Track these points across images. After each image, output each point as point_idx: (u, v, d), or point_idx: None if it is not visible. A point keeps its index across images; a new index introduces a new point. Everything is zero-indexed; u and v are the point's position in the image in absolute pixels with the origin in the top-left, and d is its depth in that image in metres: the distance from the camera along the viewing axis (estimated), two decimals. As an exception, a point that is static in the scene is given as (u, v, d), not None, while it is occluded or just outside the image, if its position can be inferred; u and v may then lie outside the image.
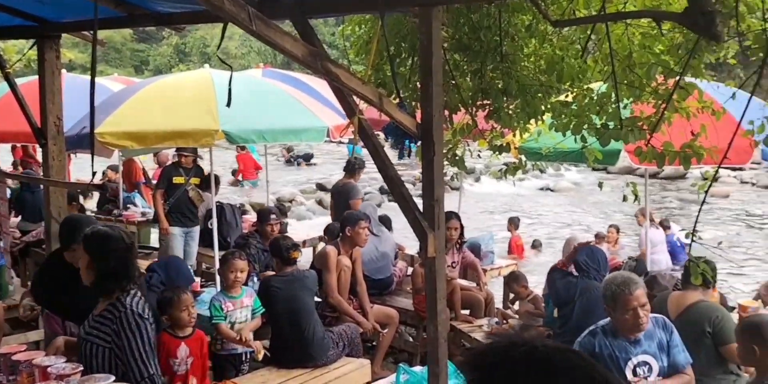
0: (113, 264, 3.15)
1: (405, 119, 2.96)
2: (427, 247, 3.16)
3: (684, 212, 16.87)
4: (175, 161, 8.40)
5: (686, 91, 3.52)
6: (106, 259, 3.15)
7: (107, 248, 3.17)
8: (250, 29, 1.82)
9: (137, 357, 3.07)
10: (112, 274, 3.15)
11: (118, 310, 3.11)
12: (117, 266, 3.15)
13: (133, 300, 3.15)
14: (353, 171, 8.78)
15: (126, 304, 3.12)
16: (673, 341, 3.88)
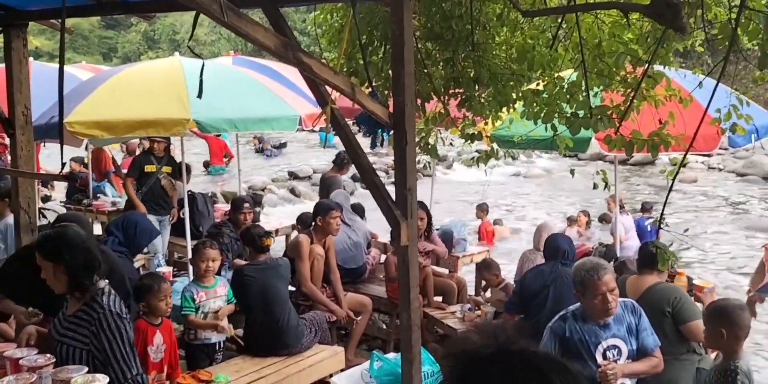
0: (81, 257, 3.06)
1: (377, 109, 2.97)
2: (400, 236, 3.18)
3: (653, 198, 17.13)
4: (146, 149, 8.32)
5: (654, 79, 3.57)
6: (73, 256, 3.05)
7: (68, 245, 3.07)
8: (221, 21, 1.81)
9: (119, 358, 3.00)
10: (84, 267, 3.06)
11: (95, 311, 3.04)
12: (86, 258, 3.08)
13: (110, 299, 3.08)
14: (341, 165, 8.76)
15: (104, 305, 3.04)
16: (642, 325, 3.95)
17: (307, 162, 20.35)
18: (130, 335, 3.07)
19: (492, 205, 15.82)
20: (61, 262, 3.05)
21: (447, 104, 4.56)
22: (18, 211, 4.71)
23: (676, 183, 12.04)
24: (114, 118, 6.10)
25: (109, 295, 3.11)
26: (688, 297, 4.97)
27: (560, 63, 4.32)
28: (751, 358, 6.95)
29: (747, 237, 12.84)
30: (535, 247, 7.08)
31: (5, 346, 3.37)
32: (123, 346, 3.01)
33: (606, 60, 3.65)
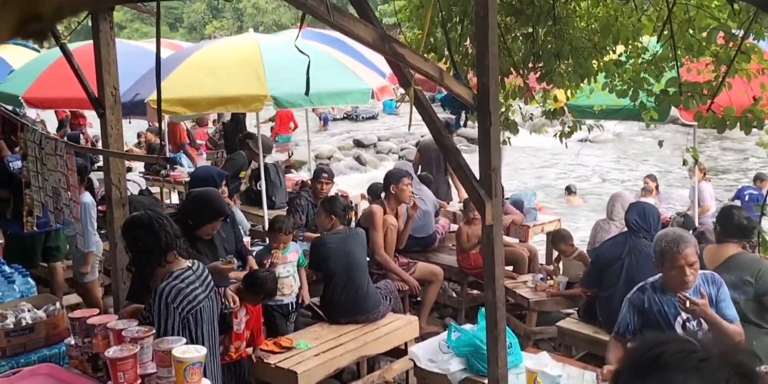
0: (141, 244, 3.34)
1: (462, 91, 2.98)
2: (485, 215, 3.21)
3: (728, 162, 16.66)
4: None
5: (747, 55, 3.46)
6: (135, 244, 3.37)
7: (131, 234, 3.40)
8: (328, 21, 1.86)
9: None
10: (143, 252, 3.34)
11: (153, 292, 3.28)
12: (146, 244, 3.32)
13: (168, 285, 3.25)
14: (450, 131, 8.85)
15: (158, 289, 3.25)
16: (721, 296, 3.91)
17: (372, 130, 20.46)
18: (175, 322, 3.24)
19: (561, 171, 15.68)
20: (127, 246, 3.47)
21: (527, 78, 4.53)
22: (110, 187, 4.90)
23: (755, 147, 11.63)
24: (195, 95, 6.27)
25: (171, 281, 3.27)
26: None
27: (644, 34, 4.22)
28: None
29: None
30: (609, 216, 6.98)
31: (107, 317, 3.53)
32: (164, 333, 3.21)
33: (696, 35, 3.55)
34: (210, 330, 3.47)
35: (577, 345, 5.55)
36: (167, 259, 3.32)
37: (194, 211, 4.35)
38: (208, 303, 3.44)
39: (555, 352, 5.47)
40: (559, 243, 6.34)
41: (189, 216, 4.29)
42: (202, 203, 4.38)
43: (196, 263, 3.50)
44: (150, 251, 3.30)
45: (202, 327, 3.37)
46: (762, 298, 4.70)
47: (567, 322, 5.63)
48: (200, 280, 3.42)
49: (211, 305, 3.50)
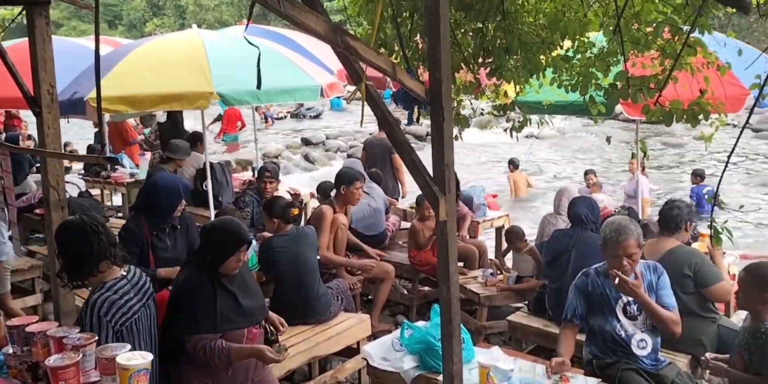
0: (72, 250, 3.19)
1: (416, 86, 2.94)
2: (439, 212, 3.18)
3: (666, 155, 17.09)
4: None
5: (693, 49, 3.52)
6: (65, 250, 3.22)
7: (61, 239, 3.25)
8: (279, 11, 1.79)
9: None
10: (74, 259, 3.19)
11: (85, 305, 3.14)
12: (77, 251, 3.18)
13: (100, 297, 3.13)
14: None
15: (89, 302, 3.12)
16: (661, 283, 4.03)
17: (320, 129, 20.37)
18: (107, 334, 3.11)
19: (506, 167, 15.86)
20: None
21: (477, 73, 4.53)
22: (47, 188, 4.71)
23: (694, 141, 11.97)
24: (138, 92, 6.08)
25: (104, 292, 3.15)
26: (708, 261, 5.04)
27: (590, 29, 4.26)
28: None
29: (763, 193, 12.82)
30: (556, 210, 7.06)
31: (48, 324, 3.39)
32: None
33: (643, 29, 3.59)
34: (148, 340, 3.36)
35: (527, 338, 5.61)
36: (99, 268, 3.19)
37: (210, 246, 3.72)
38: (145, 311, 3.34)
39: (505, 346, 5.51)
40: (514, 239, 6.39)
41: (206, 253, 3.71)
42: (217, 235, 3.76)
43: (132, 269, 3.37)
44: (81, 259, 3.17)
45: (138, 338, 3.26)
46: (703, 291, 4.85)
47: (517, 316, 5.67)
48: (135, 288, 3.31)
49: (149, 313, 3.39)
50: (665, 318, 3.94)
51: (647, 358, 3.99)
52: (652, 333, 4.01)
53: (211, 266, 3.63)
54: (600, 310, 4.04)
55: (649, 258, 5.00)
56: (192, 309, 3.53)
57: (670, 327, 3.99)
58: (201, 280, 3.60)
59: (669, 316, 3.96)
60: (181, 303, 3.57)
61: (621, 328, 3.98)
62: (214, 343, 3.52)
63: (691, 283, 4.85)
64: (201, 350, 3.50)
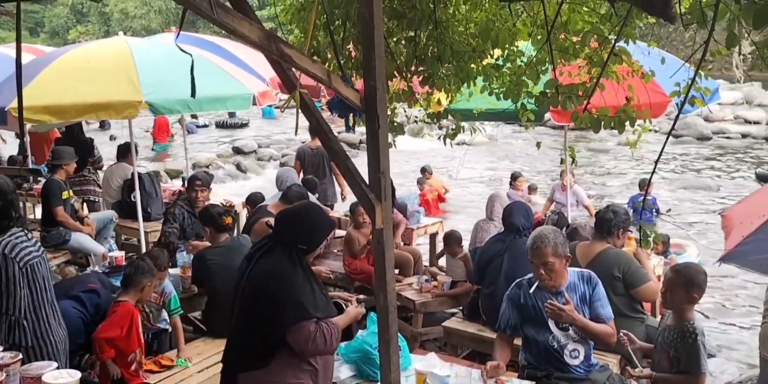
0: None
1: (350, 94, 2.94)
2: (375, 219, 3.18)
3: (589, 161, 17.57)
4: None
5: (619, 57, 3.64)
6: None
7: None
8: (212, 18, 1.76)
9: None
10: None
11: None
12: None
13: (3, 240, 3.51)
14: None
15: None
16: (596, 295, 4.08)
17: (252, 137, 20.17)
18: (12, 275, 3.49)
19: (442, 173, 16.02)
20: None
21: (410, 81, 4.57)
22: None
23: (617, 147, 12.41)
24: (63, 102, 5.86)
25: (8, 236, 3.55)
26: (636, 262, 5.20)
27: (520, 38, 4.36)
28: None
29: (689, 196, 13.30)
30: (488, 216, 7.15)
31: (-31, 344, 3.27)
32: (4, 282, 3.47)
33: (570, 38, 3.69)
34: (47, 287, 3.73)
35: (463, 343, 5.66)
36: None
37: (306, 233, 3.46)
38: (42, 262, 3.71)
39: (441, 352, 5.55)
40: (453, 243, 6.45)
41: (299, 241, 3.43)
42: (312, 222, 3.51)
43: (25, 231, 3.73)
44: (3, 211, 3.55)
45: (40, 281, 3.65)
46: (631, 291, 5.02)
47: (452, 321, 5.72)
48: (30, 242, 3.69)
49: (45, 266, 3.75)
50: (601, 333, 4.01)
51: (579, 367, 4.05)
52: (584, 342, 4.05)
53: (301, 253, 3.43)
54: (532, 322, 4.07)
55: (581, 260, 5.16)
56: (296, 296, 3.28)
57: (605, 340, 4.07)
58: (294, 268, 3.36)
59: (604, 330, 4.02)
60: (279, 294, 3.28)
61: (553, 339, 4.02)
62: (326, 324, 3.32)
63: (621, 285, 5.01)
64: (318, 334, 3.26)
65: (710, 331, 6.93)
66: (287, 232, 3.42)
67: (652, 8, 2.32)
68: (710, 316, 7.37)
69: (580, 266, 4.92)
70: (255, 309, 3.32)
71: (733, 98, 23.70)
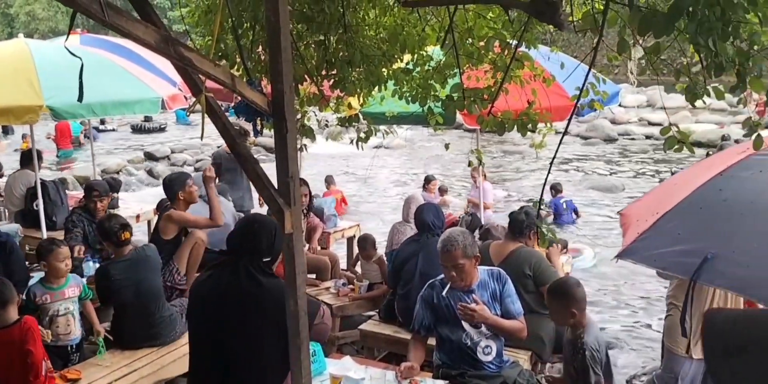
0: None
1: (256, 97, 2.90)
2: (284, 224, 3.15)
3: (506, 161, 17.98)
4: None
5: (521, 62, 3.74)
6: None
7: None
8: (102, 20, 1.70)
9: None
10: None
11: None
12: None
13: None
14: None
15: None
16: (506, 292, 4.22)
17: (164, 142, 19.70)
18: None
19: (359, 177, 16.07)
20: None
21: (320, 85, 4.56)
22: None
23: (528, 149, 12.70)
24: (-43, 106, 5.60)
25: None
26: (546, 261, 5.40)
27: (428, 43, 4.42)
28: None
29: (595, 196, 13.77)
30: (404, 218, 7.23)
31: None
32: None
33: (475, 43, 3.77)
34: None
35: (379, 346, 5.69)
36: None
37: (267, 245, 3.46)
38: None
39: (358, 355, 5.57)
40: (367, 246, 6.48)
41: (264, 253, 3.44)
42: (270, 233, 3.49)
43: None
44: None
45: None
46: (541, 289, 5.18)
47: (368, 324, 5.74)
48: None
49: None
50: (514, 330, 4.14)
51: (492, 363, 4.16)
52: (495, 338, 4.18)
53: (268, 266, 3.43)
54: (446, 321, 4.17)
55: (494, 259, 5.30)
56: None
57: (517, 336, 4.20)
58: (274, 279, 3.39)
59: (516, 327, 4.15)
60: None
61: (467, 336, 4.12)
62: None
63: (531, 283, 5.17)
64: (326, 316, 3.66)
65: (621, 327, 7.21)
66: (247, 249, 3.40)
67: (541, 16, 2.41)
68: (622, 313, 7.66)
69: (493, 265, 5.06)
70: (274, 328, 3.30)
71: (637, 101, 24.74)
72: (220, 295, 3.44)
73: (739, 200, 3.21)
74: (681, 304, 4.79)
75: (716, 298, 4.45)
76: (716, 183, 3.34)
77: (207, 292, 3.52)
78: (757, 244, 3.04)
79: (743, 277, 2.97)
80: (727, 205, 3.24)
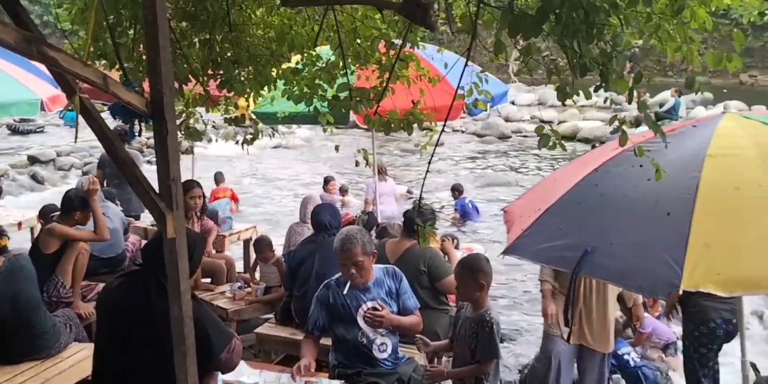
0: None
1: (133, 98, 2.80)
2: (166, 229, 3.06)
3: (406, 161, 18.20)
4: None
5: (406, 62, 3.78)
6: None
7: None
8: (-51, 17, 1.60)
9: None
10: None
11: None
12: None
13: None
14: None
15: None
16: (402, 288, 4.29)
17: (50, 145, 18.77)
18: None
19: (259, 178, 15.88)
20: None
21: (206, 86, 4.46)
22: None
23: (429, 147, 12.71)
24: None
25: None
26: (440, 257, 5.52)
27: (318, 42, 4.40)
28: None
29: (489, 192, 14.14)
30: (301, 219, 7.18)
31: None
32: None
33: (362, 43, 3.78)
34: None
35: (276, 349, 5.64)
36: None
37: None
38: None
39: (255, 359, 5.49)
40: (264, 248, 6.40)
41: None
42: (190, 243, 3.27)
43: None
44: None
45: None
46: (435, 284, 5.29)
47: (264, 327, 5.68)
48: None
49: None
50: (413, 326, 4.24)
51: (387, 360, 4.21)
52: (391, 335, 4.24)
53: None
54: (342, 320, 4.19)
55: (390, 257, 5.37)
56: (214, 320, 3.44)
57: (415, 330, 4.27)
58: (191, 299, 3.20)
59: (414, 321, 4.25)
60: (201, 322, 3.21)
61: (362, 335, 4.15)
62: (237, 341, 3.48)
63: (426, 279, 5.28)
64: (236, 352, 3.47)
65: (516, 319, 7.43)
66: (161, 262, 3.17)
67: (413, 17, 2.44)
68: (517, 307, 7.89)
69: (389, 263, 5.11)
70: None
71: (529, 100, 25.55)
72: (129, 308, 3.36)
73: (614, 195, 3.37)
74: (550, 285, 5.11)
75: (584, 286, 4.74)
76: (593, 178, 3.50)
77: (115, 304, 3.43)
78: (631, 237, 3.21)
79: (620, 268, 3.13)
80: (603, 200, 3.40)
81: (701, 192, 3.04)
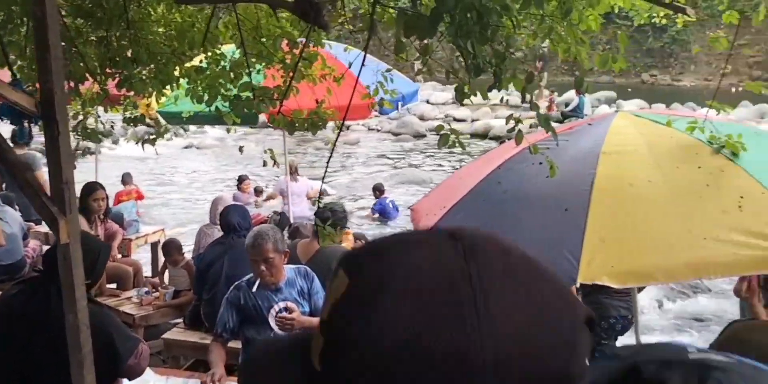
0: None
1: (21, 98, 2.68)
2: (59, 234, 2.95)
3: (320, 160, 18.15)
4: None
5: (309, 61, 3.75)
6: None
7: None
8: None
9: None
10: None
11: None
12: None
13: None
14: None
15: None
16: (314, 289, 4.25)
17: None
18: None
19: (168, 178, 15.50)
20: None
21: (104, 84, 4.31)
22: None
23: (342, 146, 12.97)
24: None
25: None
26: None
27: (221, 40, 4.32)
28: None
29: (406, 190, 14.25)
30: (212, 221, 7.05)
31: None
32: None
33: (266, 42, 3.73)
34: None
35: (185, 354, 5.51)
36: None
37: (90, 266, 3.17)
38: None
39: (164, 365, 5.36)
40: (173, 252, 6.25)
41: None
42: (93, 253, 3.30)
43: None
44: None
45: None
46: None
47: (172, 332, 5.55)
48: None
49: None
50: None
51: None
52: None
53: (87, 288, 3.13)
54: (253, 322, 4.12)
55: (302, 257, 5.30)
56: (118, 326, 3.33)
57: None
58: (95, 306, 3.16)
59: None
60: (105, 329, 3.13)
61: (274, 336, 4.10)
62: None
63: None
64: (144, 357, 3.33)
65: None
66: None
67: (306, 16, 2.43)
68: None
69: (302, 263, 5.06)
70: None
71: (444, 99, 25.87)
72: (29, 315, 3.23)
73: (516, 191, 3.46)
74: None
75: None
76: (496, 176, 3.58)
77: (14, 311, 3.28)
78: (533, 233, 3.29)
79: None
80: (506, 197, 3.48)
81: (596, 188, 3.16)
